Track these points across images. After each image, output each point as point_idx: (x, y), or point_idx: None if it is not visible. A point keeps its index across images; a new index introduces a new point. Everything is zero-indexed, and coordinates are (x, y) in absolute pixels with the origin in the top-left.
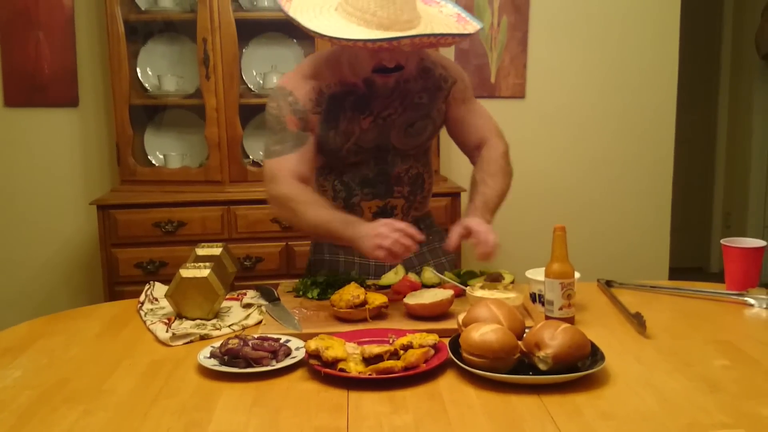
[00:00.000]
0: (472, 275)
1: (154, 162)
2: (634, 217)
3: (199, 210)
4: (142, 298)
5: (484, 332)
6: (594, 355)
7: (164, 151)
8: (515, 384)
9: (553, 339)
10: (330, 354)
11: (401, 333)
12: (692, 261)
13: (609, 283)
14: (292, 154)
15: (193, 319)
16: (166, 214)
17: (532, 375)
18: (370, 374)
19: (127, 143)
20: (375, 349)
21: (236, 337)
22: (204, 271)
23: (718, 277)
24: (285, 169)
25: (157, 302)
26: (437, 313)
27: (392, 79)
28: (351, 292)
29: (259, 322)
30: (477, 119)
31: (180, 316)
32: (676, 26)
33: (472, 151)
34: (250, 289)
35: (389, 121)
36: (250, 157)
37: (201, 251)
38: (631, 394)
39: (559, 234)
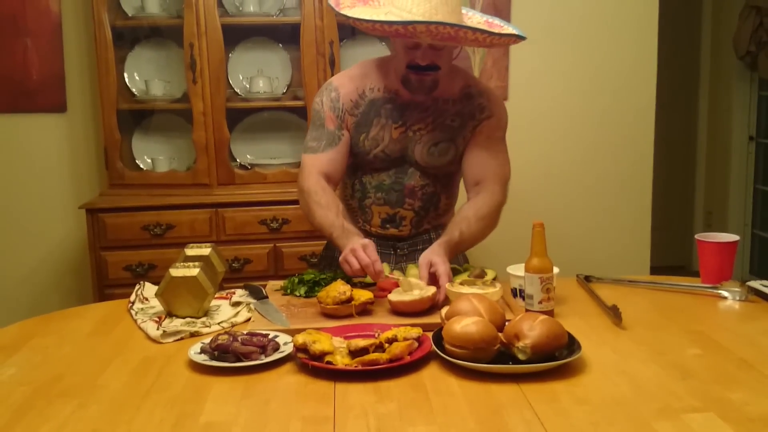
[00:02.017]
0: (456, 272)
1: (142, 166)
2: (616, 216)
3: (188, 213)
4: (132, 297)
5: (466, 324)
6: (571, 345)
7: (152, 155)
8: (495, 373)
9: (531, 330)
10: (317, 348)
11: (386, 327)
12: (675, 259)
13: (588, 278)
14: (324, 153)
15: (183, 318)
16: (155, 218)
17: (512, 364)
18: (356, 366)
19: (115, 148)
20: (361, 342)
21: (226, 333)
22: (193, 270)
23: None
24: (314, 166)
25: (147, 302)
26: (419, 310)
27: (429, 78)
28: (338, 289)
29: (248, 320)
30: (491, 160)
31: (170, 314)
32: (654, 27)
33: (469, 185)
34: (239, 289)
35: (418, 135)
36: (238, 160)
37: (190, 251)
38: (605, 381)
39: (537, 230)
